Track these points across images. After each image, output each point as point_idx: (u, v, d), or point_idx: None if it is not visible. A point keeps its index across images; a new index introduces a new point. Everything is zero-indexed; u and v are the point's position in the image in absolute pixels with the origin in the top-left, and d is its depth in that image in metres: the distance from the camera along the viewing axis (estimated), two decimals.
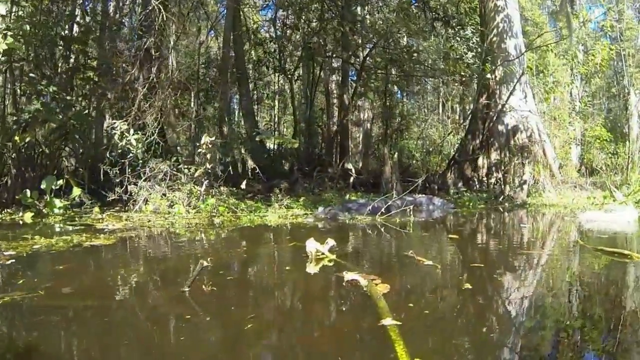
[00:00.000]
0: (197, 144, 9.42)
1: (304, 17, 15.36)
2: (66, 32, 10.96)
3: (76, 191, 8.71)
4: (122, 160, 9.28)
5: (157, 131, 9.88)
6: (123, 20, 11.02)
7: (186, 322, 2.97)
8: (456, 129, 18.79)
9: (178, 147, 15.89)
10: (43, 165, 9.70)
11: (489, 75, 14.49)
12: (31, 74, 9.24)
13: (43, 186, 8.44)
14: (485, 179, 14.37)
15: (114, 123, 8.92)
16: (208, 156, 9.24)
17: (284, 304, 3.59)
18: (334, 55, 16.99)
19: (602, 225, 7.95)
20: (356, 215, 8.99)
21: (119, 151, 9.36)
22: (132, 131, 9.21)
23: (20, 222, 7.78)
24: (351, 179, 12.96)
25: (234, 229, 7.38)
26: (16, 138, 8.99)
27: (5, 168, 8.95)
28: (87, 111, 10.19)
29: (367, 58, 15.69)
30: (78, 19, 11.16)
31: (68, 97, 9.53)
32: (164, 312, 3.33)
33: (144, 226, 7.41)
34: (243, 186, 10.04)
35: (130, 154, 9.33)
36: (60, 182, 8.70)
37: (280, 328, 3.04)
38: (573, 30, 15.80)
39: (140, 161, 9.46)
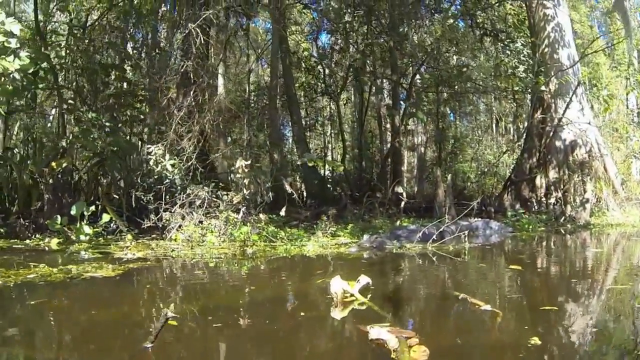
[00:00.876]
0: (232, 169, 8.45)
1: (352, 40, 14.38)
2: (115, 60, 10.49)
3: (105, 217, 7.94)
4: (159, 187, 8.47)
5: (195, 156, 9.02)
6: (163, 45, 10.42)
7: None
8: (511, 148, 17.16)
9: (232, 175, 15.12)
10: (82, 191, 9.05)
11: (543, 88, 13.02)
12: (70, 101, 8.68)
13: (73, 212, 7.72)
14: (544, 199, 12.94)
15: (149, 148, 8.13)
16: (245, 181, 8.26)
17: None
18: (382, 77, 15.88)
19: None
20: (405, 243, 7.66)
21: (156, 177, 8.56)
22: (167, 156, 8.39)
23: (46, 248, 7.14)
24: (402, 204, 11.62)
25: (264, 261, 6.30)
26: (53, 164, 8.40)
27: (39, 194, 8.35)
28: (127, 137, 9.53)
29: (416, 76, 14.49)
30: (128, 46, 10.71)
31: (107, 124, 8.87)
32: None
33: (167, 256, 6.46)
34: (282, 213, 8.97)
35: (167, 180, 8.51)
36: (93, 208, 7.96)
37: None
38: (632, 29, 14.05)
39: (179, 187, 8.62)
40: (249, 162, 8.15)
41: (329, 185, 16.04)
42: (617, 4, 14.11)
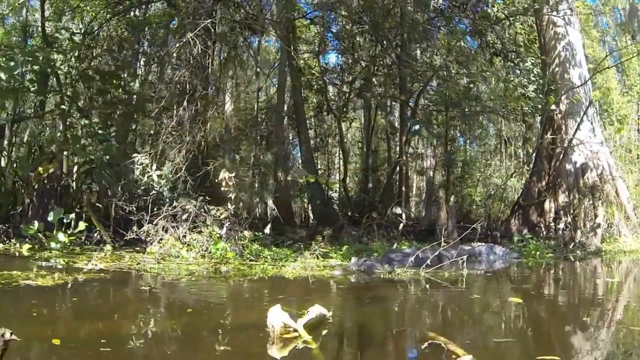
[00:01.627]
0: (217, 180, 7.74)
1: (357, 56, 13.70)
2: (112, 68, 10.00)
3: (82, 225, 7.30)
4: (144, 197, 7.82)
5: (186, 169, 8.35)
6: (162, 54, 9.91)
7: None
8: (520, 171, 16.15)
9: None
10: (70, 197, 8.46)
11: (553, 107, 12.13)
12: (62, 107, 8.16)
13: (50, 218, 7.11)
14: (552, 224, 11.91)
15: (135, 157, 7.52)
16: (232, 196, 7.53)
17: None
18: (391, 97, 15.14)
19: None
20: (397, 268, 6.77)
21: (143, 187, 7.93)
22: (154, 167, 7.76)
23: (16, 254, 6.58)
24: (400, 226, 10.72)
25: (233, 280, 5.55)
26: (40, 169, 7.84)
27: (21, 199, 7.79)
28: (120, 146, 8.95)
29: (423, 94, 13.71)
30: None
31: (100, 131, 8.32)
32: None
33: (131, 269, 5.76)
34: (267, 231, 8.20)
35: (154, 191, 7.86)
36: (72, 215, 7.34)
37: None
38: None
39: (167, 199, 7.95)
40: (233, 174, 7.44)
41: (335, 207, 15.26)
42: (631, 16, 13.25)
